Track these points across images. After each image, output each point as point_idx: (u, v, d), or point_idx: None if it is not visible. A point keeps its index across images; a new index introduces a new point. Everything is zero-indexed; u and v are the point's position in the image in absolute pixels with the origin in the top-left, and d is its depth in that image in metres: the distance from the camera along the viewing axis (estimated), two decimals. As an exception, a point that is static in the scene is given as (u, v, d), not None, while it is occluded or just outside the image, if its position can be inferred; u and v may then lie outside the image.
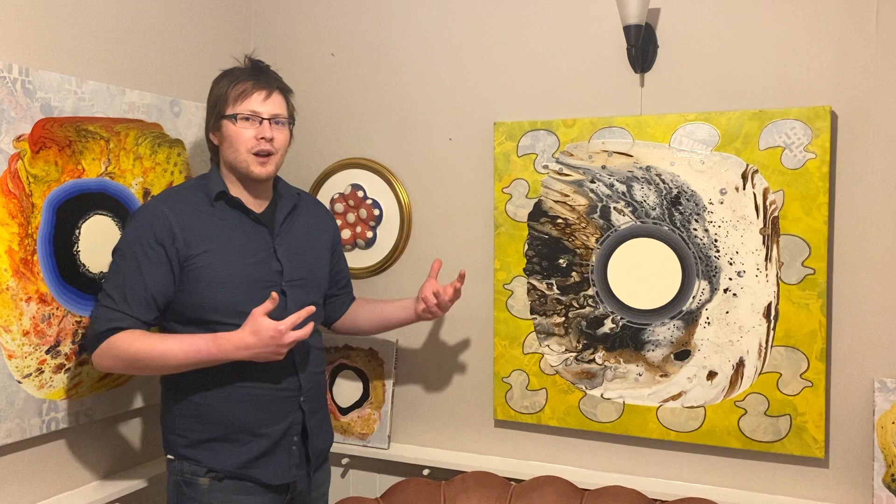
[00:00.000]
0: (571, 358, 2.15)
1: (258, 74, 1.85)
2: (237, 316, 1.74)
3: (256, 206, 1.88)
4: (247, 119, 1.79)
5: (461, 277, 2.01)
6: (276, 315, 1.71)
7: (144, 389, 2.13)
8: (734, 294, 1.98)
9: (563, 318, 2.16)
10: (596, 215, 2.11)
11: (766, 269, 1.94)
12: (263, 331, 1.67)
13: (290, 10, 2.53)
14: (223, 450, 1.80)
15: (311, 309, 1.74)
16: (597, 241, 2.12)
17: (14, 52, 1.77)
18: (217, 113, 1.82)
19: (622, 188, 2.08)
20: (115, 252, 1.78)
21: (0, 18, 1.75)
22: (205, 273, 1.76)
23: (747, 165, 1.95)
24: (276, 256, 1.85)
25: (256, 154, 1.80)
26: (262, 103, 1.81)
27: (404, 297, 2.13)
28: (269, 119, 1.81)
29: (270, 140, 1.80)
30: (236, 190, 1.85)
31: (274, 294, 1.69)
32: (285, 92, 1.88)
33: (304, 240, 1.95)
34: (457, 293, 2.01)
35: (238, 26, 2.52)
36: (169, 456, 1.85)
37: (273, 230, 1.88)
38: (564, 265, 2.15)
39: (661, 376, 2.06)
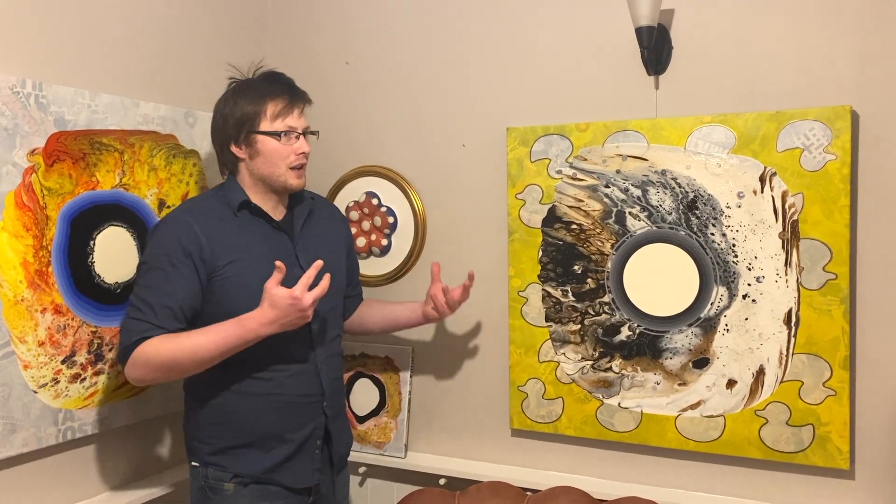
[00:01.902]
0: (588, 366, 2.12)
1: (290, 90, 1.89)
2: None
3: (277, 213, 1.92)
4: (287, 135, 1.84)
5: (470, 278, 2.03)
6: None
7: (160, 399, 2.14)
8: (753, 300, 1.92)
9: (579, 326, 2.13)
10: (611, 220, 2.08)
11: (786, 275, 1.89)
12: (280, 300, 1.69)
13: (304, 20, 2.54)
14: (249, 456, 1.83)
15: (320, 263, 1.74)
16: (612, 246, 2.08)
17: (27, 67, 1.80)
18: (249, 128, 1.84)
19: (637, 193, 2.04)
20: (141, 264, 1.81)
21: (13, 34, 1.78)
22: (232, 283, 1.79)
23: (765, 168, 1.90)
24: (299, 263, 1.88)
25: (293, 168, 1.86)
26: (297, 119, 1.87)
27: (411, 302, 2.15)
28: (303, 133, 1.88)
29: (307, 154, 1.88)
30: (258, 199, 1.88)
31: (279, 263, 1.70)
32: (310, 104, 1.94)
33: (322, 244, 1.98)
34: (465, 293, 2.03)
35: (252, 36, 2.54)
36: (193, 462, 1.87)
37: (293, 236, 1.91)
38: (579, 271, 2.12)
39: (680, 385, 2.01)
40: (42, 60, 1.84)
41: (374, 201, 2.40)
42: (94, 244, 1.94)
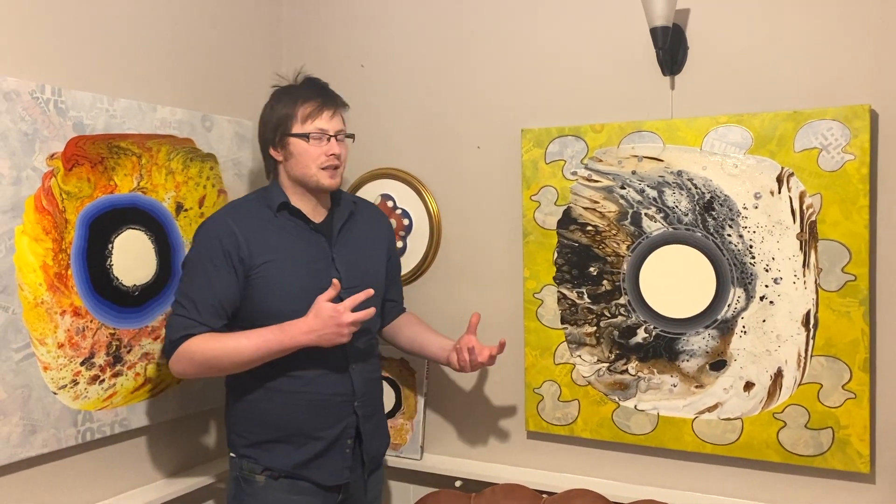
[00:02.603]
0: (604, 368, 2.11)
1: (323, 93, 1.95)
2: None
3: (316, 216, 1.97)
4: (317, 137, 1.89)
5: (501, 347, 1.96)
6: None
7: (178, 400, 2.16)
8: (771, 302, 1.91)
9: (595, 328, 2.12)
10: (626, 222, 2.07)
11: (804, 276, 1.87)
12: (323, 310, 1.76)
13: (320, 23, 2.55)
14: (280, 450, 1.89)
15: (370, 291, 1.80)
16: (628, 248, 2.07)
17: (46, 72, 1.83)
18: (282, 131, 1.91)
19: (653, 194, 2.03)
20: (184, 264, 1.91)
21: (32, 40, 1.81)
22: (267, 282, 1.86)
23: (782, 168, 1.88)
24: (335, 265, 1.92)
25: (324, 168, 1.90)
26: (328, 121, 1.91)
27: (446, 338, 2.08)
28: (335, 135, 1.92)
29: (338, 155, 1.91)
30: (297, 201, 1.95)
31: (335, 281, 1.78)
32: (345, 108, 1.99)
33: (361, 247, 2.01)
34: (491, 361, 1.96)
35: (269, 40, 2.56)
36: (231, 454, 1.95)
37: (331, 239, 1.95)
38: (595, 273, 2.11)
39: (697, 387, 2.00)
40: (61, 66, 1.87)
41: (390, 203, 2.41)
42: (112, 247, 1.96)
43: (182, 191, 2.16)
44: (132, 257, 2.01)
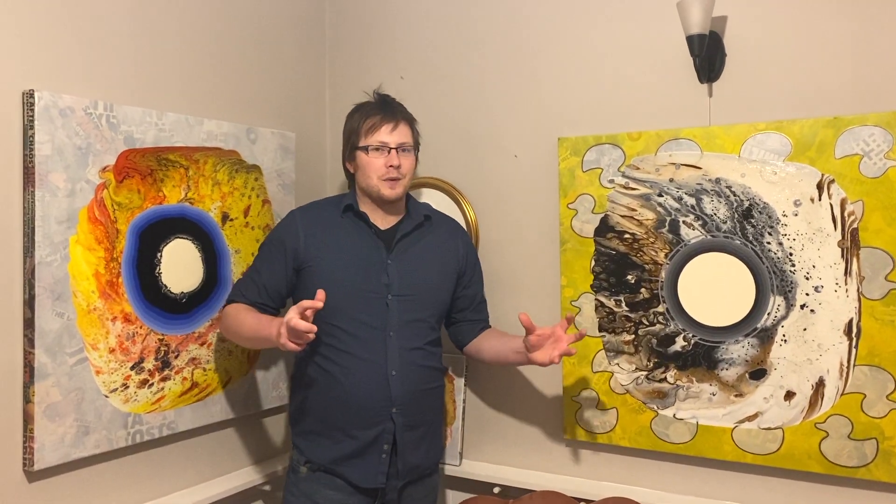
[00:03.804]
0: (642, 377, 2.10)
1: (385, 108, 2.06)
2: (345, 320, 1.96)
3: (384, 223, 2.07)
4: (377, 150, 2.00)
5: (569, 320, 1.92)
6: (378, 324, 1.96)
7: (224, 404, 2.22)
8: (812, 310, 1.88)
9: (633, 336, 2.11)
10: (664, 230, 2.06)
11: (846, 284, 1.84)
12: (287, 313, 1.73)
13: (361, 36, 2.61)
14: (319, 443, 2.00)
15: (318, 304, 1.72)
16: (666, 256, 2.06)
17: (99, 89, 1.91)
18: (351, 145, 2.06)
19: (691, 201, 2.02)
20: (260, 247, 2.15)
21: (86, 60, 1.89)
22: (314, 276, 1.99)
23: (823, 175, 1.86)
24: (387, 270, 1.98)
25: (385, 179, 2.00)
26: (389, 134, 2.01)
27: (517, 338, 2.02)
28: (396, 148, 2.00)
29: (398, 167, 2.00)
30: (366, 207, 2.07)
31: (320, 292, 1.75)
32: (410, 121, 2.09)
33: (421, 258, 2.06)
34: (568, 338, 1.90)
35: (312, 54, 2.62)
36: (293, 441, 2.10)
37: (390, 246, 2.01)
38: (633, 281, 2.11)
39: (736, 396, 1.98)
40: (112, 83, 1.95)
41: (429, 212, 2.44)
42: (161, 256, 2.03)
43: (228, 201, 2.23)
44: (180, 265, 2.08)
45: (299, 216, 2.07)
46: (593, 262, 2.16)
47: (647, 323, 2.10)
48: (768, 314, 1.94)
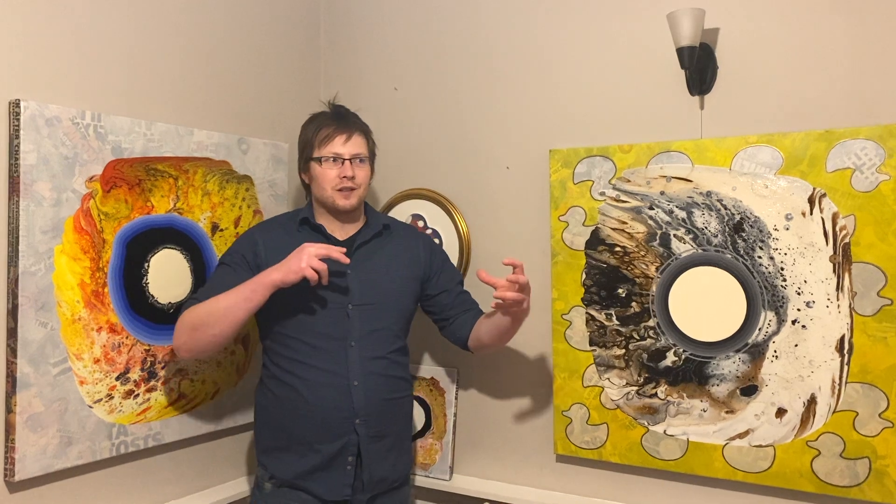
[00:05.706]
0: (633, 392, 2.08)
1: (339, 119, 2.04)
2: (306, 332, 1.95)
3: (342, 233, 2.06)
4: (331, 160, 1.99)
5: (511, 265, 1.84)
6: (339, 334, 1.95)
7: (211, 416, 2.21)
8: (803, 326, 1.85)
9: (624, 350, 2.09)
10: (655, 243, 2.04)
11: (838, 300, 1.81)
12: (300, 248, 1.85)
13: (355, 48, 2.61)
14: (282, 458, 1.97)
15: (343, 249, 1.87)
16: (657, 269, 2.04)
17: (88, 99, 1.91)
18: (305, 156, 2.05)
19: (682, 214, 2.00)
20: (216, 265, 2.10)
21: (73, 69, 1.89)
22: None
23: (814, 189, 1.83)
24: (347, 280, 1.97)
25: (340, 190, 1.99)
26: (343, 145, 2.00)
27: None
28: (349, 159, 1.99)
29: (352, 178, 1.99)
30: (323, 218, 2.06)
31: (342, 251, 1.86)
32: (365, 132, 2.07)
33: (383, 266, 2.04)
34: (514, 285, 1.83)
35: (305, 65, 2.62)
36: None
37: (349, 253, 1.97)
38: (623, 295, 2.09)
39: (727, 412, 1.95)
40: (101, 93, 1.95)
41: (420, 223, 2.43)
42: (148, 266, 2.03)
43: (218, 211, 2.22)
44: (168, 276, 2.08)
45: (257, 232, 2.06)
46: (584, 276, 2.14)
47: (637, 337, 2.07)
48: (759, 329, 1.91)
